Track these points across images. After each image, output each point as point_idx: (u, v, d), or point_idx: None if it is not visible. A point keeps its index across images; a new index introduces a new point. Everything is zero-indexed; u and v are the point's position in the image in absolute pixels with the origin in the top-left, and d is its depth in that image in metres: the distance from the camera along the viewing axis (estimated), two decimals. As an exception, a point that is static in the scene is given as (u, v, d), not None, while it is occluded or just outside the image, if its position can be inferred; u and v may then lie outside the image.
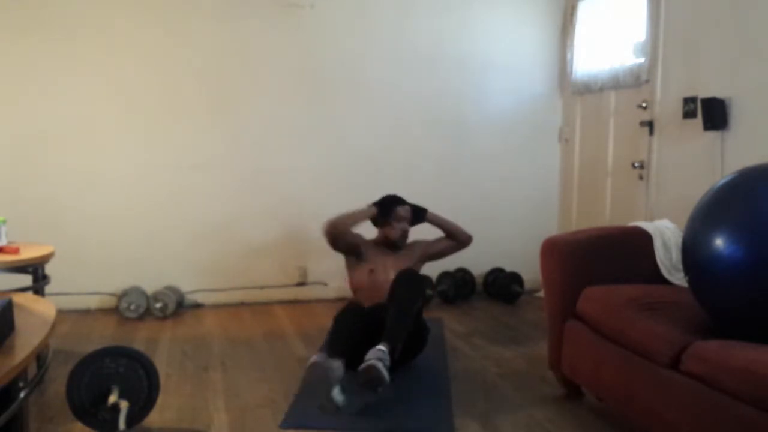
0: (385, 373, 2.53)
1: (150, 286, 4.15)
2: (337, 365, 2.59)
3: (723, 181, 2.15)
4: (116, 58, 4.10)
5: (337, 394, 2.54)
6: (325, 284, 4.48)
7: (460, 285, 4.49)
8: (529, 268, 4.32)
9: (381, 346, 2.63)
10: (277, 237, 4.43)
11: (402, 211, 3.46)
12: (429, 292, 4.29)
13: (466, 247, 3.67)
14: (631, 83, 3.93)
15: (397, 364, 3.02)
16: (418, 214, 3.55)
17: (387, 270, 3.30)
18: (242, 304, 4.37)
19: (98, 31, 4.07)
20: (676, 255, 2.77)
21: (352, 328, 2.82)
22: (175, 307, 4.09)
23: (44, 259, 2.96)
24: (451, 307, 4.34)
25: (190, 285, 4.31)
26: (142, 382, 2.38)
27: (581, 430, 2.46)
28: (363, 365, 2.55)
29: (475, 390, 2.85)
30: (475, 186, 4.68)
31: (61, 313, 2.33)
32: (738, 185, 2.08)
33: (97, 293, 4.20)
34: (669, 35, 3.61)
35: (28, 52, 4.00)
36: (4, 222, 3.03)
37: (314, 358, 2.62)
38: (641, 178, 3.86)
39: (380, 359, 2.55)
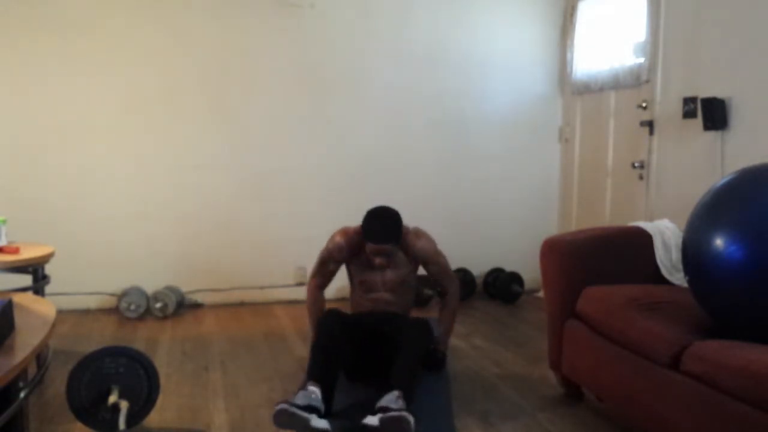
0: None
1: (150, 286, 4.15)
2: (311, 394, 2.41)
3: (723, 181, 2.15)
4: (116, 58, 4.10)
5: (316, 422, 2.34)
6: (325, 284, 4.48)
7: (460, 285, 4.48)
8: (529, 268, 4.32)
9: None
10: (277, 237, 4.42)
11: (374, 248, 2.91)
12: (429, 292, 4.28)
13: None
14: (631, 83, 3.93)
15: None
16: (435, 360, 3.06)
17: (383, 278, 3.11)
18: (242, 304, 4.37)
19: (98, 31, 4.06)
20: (676, 255, 2.77)
21: (330, 345, 2.64)
22: (175, 307, 4.09)
23: (44, 259, 2.96)
24: (451, 307, 4.34)
25: (190, 285, 4.30)
26: (142, 382, 2.38)
27: (581, 430, 2.46)
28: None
29: (475, 390, 2.85)
30: (475, 186, 4.68)
31: (61, 313, 2.33)
32: (738, 185, 2.08)
33: (97, 293, 4.20)
34: (669, 35, 3.61)
35: (28, 52, 3.99)
36: (4, 222, 3.03)
37: (279, 406, 2.35)
38: (641, 178, 3.86)
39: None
